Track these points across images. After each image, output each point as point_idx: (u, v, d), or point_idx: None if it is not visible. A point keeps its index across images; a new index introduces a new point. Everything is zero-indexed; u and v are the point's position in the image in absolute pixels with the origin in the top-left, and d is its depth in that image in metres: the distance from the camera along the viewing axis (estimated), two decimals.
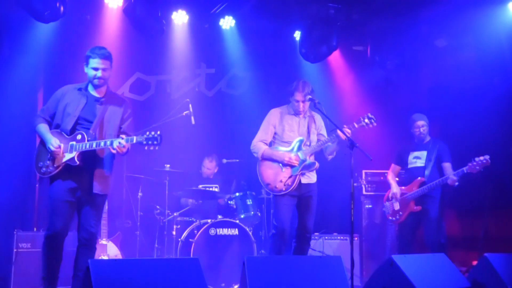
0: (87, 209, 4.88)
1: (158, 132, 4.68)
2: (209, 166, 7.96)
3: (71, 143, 4.75)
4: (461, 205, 7.69)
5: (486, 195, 7.36)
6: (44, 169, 4.80)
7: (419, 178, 6.58)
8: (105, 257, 6.65)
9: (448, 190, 6.61)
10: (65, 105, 4.86)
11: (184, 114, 6.71)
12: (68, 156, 4.75)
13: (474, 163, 6.13)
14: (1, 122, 6.94)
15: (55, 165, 4.77)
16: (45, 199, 6.50)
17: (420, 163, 6.67)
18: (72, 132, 4.81)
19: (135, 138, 4.71)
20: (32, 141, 7.20)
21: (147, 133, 4.70)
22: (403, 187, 6.74)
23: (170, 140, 8.04)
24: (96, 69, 4.85)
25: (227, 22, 8.20)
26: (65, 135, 4.80)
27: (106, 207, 6.63)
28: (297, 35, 8.37)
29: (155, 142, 4.67)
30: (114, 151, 4.73)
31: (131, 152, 4.97)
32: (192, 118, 6.66)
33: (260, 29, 8.36)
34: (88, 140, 4.75)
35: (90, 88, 4.97)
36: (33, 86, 7.41)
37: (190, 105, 6.67)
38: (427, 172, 6.56)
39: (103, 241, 6.73)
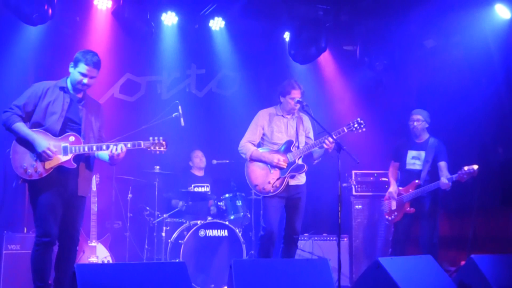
0: (71, 213, 4.78)
1: (161, 138, 4.86)
2: (198, 154, 7.95)
3: (63, 144, 4.62)
4: (451, 205, 7.67)
5: (474, 195, 7.36)
6: (30, 171, 4.56)
7: (416, 181, 6.62)
8: (94, 259, 6.64)
9: (440, 191, 6.65)
10: (48, 102, 4.68)
11: (173, 116, 6.66)
12: (63, 158, 4.61)
13: (463, 172, 6.23)
14: None
15: (45, 167, 4.59)
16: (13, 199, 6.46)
17: (418, 165, 6.71)
18: (61, 132, 4.67)
19: (142, 143, 4.79)
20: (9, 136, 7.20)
21: (151, 138, 4.83)
22: (400, 188, 6.77)
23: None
24: (84, 75, 4.73)
25: (217, 23, 8.20)
26: (51, 135, 4.64)
27: (95, 208, 6.69)
28: (287, 36, 8.36)
29: (162, 148, 4.87)
30: (111, 154, 4.67)
31: None
32: (182, 120, 6.61)
33: (249, 30, 8.36)
34: (83, 143, 4.69)
35: (69, 87, 4.82)
36: (21, 89, 7.31)
37: (180, 107, 6.63)
38: (423, 175, 6.62)
39: (93, 243, 6.70)
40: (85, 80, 4.75)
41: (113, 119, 7.68)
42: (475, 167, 6.18)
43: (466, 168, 6.21)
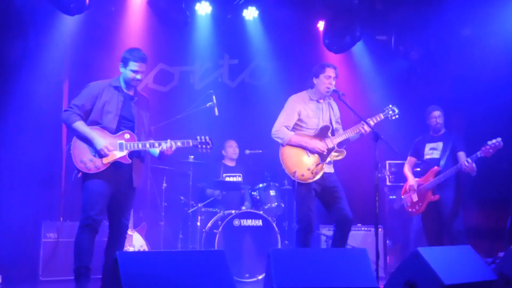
0: (124, 202, 5.11)
1: (207, 137, 5.32)
2: (232, 144, 7.93)
3: (119, 141, 4.96)
4: (486, 196, 7.64)
5: (511, 186, 7.23)
6: (89, 165, 4.87)
7: (435, 167, 6.59)
8: (131, 248, 6.69)
9: (464, 178, 6.61)
10: (104, 102, 4.99)
11: (207, 105, 6.69)
12: (119, 154, 4.95)
13: (488, 147, 6.13)
14: (28, 113, 7.02)
15: (103, 162, 4.91)
16: (73, 190, 6.60)
17: (436, 154, 6.71)
18: (117, 130, 4.99)
19: (191, 141, 5.21)
20: (58, 132, 7.31)
21: (198, 137, 5.27)
22: (417, 179, 6.75)
23: (194, 131, 8.07)
24: (136, 72, 5.03)
25: (250, 13, 8.21)
26: (108, 133, 4.96)
27: None
28: (320, 25, 8.30)
29: (208, 146, 5.32)
30: (162, 151, 5.05)
31: None
32: (216, 109, 6.64)
33: (283, 19, 8.31)
34: (137, 140, 5.02)
35: (122, 86, 5.12)
36: (58, 78, 7.48)
37: (214, 97, 6.65)
38: (442, 162, 6.58)
39: (129, 232, 6.73)
40: (138, 76, 5.06)
41: None
42: (499, 139, 6.10)
43: (490, 142, 6.13)
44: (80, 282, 4.82)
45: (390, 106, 5.66)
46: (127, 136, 5.00)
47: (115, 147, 4.93)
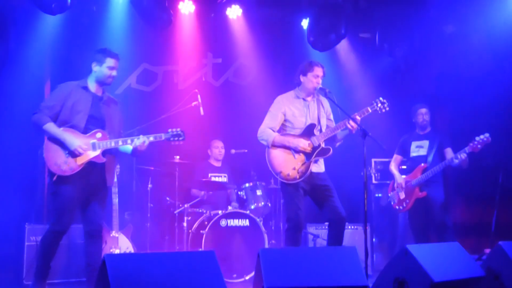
0: (97, 203, 5.10)
1: (179, 129, 5.23)
2: (219, 144, 7.88)
3: (92, 141, 4.95)
4: (471, 192, 7.68)
5: (496, 182, 7.26)
6: (64, 167, 4.87)
7: (422, 164, 6.62)
8: (117, 250, 6.59)
9: (451, 174, 6.68)
10: (73, 102, 4.98)
11: (192, 104, 6.62)
12: (93, 154, 4.95)
13: (476, 142, 6.19)
14: (9, 114, 6.94)
15: (78, 163, 4.91)
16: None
17: (422, 151, 6.76)
18: (86, 129, 4.97)
19: (163, 135, 5.18)
20: (40, 135, 7.20)
21: (170, 130, 5.21)
22: (404, 176, 6.78)
23: None
24: (112, 68, 5.10)
25: (234, 11, 8.16)
26: (79, 133, 4.95)
27: (116, 199, 6.67)
28: (305, 23, 8.27)
29: (180, 138, 5.25)
30: (135, 147, 5.06)
31: None
32: (201, 109, 6.59)
33: (266, 17, 8.30)
34: (109, 138, 5.02)
35: (91, 86, 5.13)
36: (40, 78, 7.42)
37: (199, 96, 6.60)
38: (429, 159, 6.62)
39: (114, 234, 6.66)
40: (114, 73, 5.13)
41: (130, 110, 7.63)
42: (487, 135, 6.17)
43: (478, 138, 6.20)
44: (42, 283, 4.93)
45: (380, 98, 5.60)
46: (99, 135, 5.00)
47: (88, 147, 4.93)
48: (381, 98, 5.59)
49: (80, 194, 4.96)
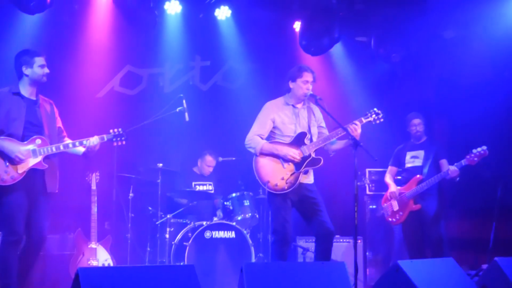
0: (39, 210, 5.03)
1: (120, 129, 5.23)
2: (211, 163, 7.69)
3: (32, 148, 4.92)
4: (469, 206, 7.57)
5: (495, 196, 7.13)
6: (4, 177, 4.81)
7: (417, 176, 6.49)
8: (95, 262, 6.41)
9: (446, 187, 6.56)
10: (7, 110, 4.93)
11: (177, 110, 6.41)
12: (33, 161, 4.91)
13: (472, 155, 6.11)
14: None
15: (19, 172, 4.86)
16: None
17: (418, 162, 6.64)
18: (24, 136, 4.94)
19: (105, 136, 5.16)
20: None
21: (111, 131, 5.21)
22: (399, 187, 6.62)
23: (163, 138, 7.84)
24: (43, 66, 5.07)
25: (223, 12, 7.95)
26: (17, 140, 4.90)
27: (95, 208, 6.56)
28: (297, 26, 8.10)
29: (123, 138, 5.24)
30: (83, 149, 5.10)
31: (122, 151, 5.42)
32: (186, 114, 6.36)
33: (257, 19, 8.09)
34: (50, 143, 5.01)
35: (24, 91, 5.06)
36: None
37: (184, 101, 6.36)
38: (425, 170, 6.51)
39: (93, 245, 6.49)
40: (46, 70, 5.10)
41: (113, 114, 7.59)
42: (484, 147, 6.09)
43: (475, 150, 6.11)
44: None
45: (375, 109, 5.44)
46: (38, 141, 4.96)
47: (28, 155, 4.89)
48: (375, 109, 5.44)
49: (26, 202, 4.91)
